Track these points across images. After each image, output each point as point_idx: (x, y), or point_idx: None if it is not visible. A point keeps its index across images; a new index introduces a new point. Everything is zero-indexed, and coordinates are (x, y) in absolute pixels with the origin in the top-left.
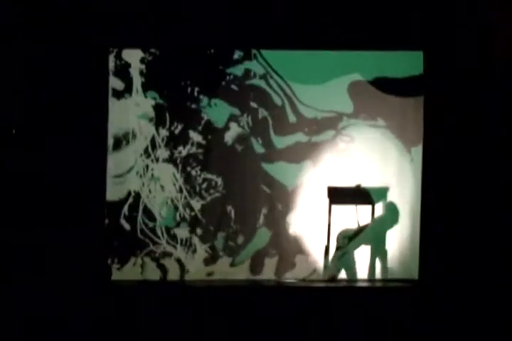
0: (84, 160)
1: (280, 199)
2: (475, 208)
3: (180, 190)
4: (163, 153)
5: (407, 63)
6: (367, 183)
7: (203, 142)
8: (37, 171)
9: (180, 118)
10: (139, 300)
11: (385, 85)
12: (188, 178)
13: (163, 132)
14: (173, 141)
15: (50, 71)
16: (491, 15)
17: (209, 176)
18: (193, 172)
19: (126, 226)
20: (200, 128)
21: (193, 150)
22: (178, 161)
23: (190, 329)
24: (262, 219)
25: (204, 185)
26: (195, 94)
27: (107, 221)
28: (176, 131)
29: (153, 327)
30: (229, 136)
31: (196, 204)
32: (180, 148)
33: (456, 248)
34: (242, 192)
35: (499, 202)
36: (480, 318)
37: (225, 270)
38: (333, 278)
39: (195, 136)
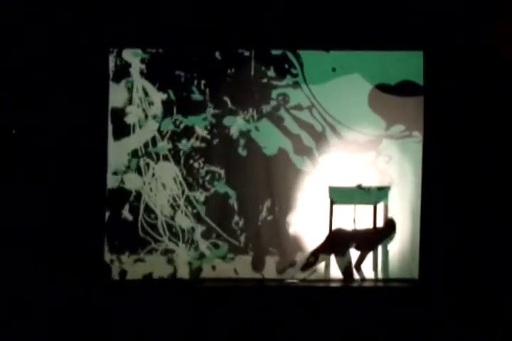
0: (84, 161)
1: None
2: (475, 208)
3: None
4: (163, 149)
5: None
6: (368, 183)
7: (208, 136)
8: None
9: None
10: (139, 300)
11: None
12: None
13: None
14: (177, 136)
15: (50, 71)
16: (491, 16)
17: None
18: (196, 165)
19: (128, 223)
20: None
21: (197, 144)
22: (180, 154)
23: (192, 328)
24: (264, 212)
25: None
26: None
27: (108, 220)
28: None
29: (154, 325)
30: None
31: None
32: (184, 141)
33: (456, 248)
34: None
35: (499, 202)
36: (480, 318)
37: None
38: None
39: (200, 131)
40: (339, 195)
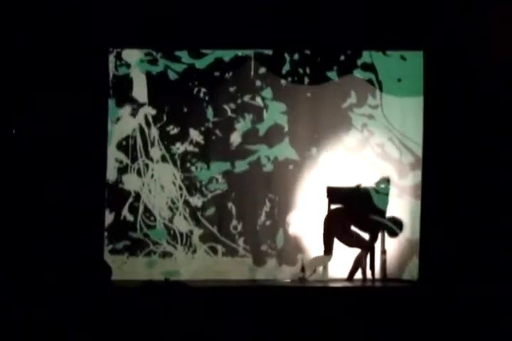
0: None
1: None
2: (475, 208)
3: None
4: (160, 152)
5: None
6: (367, 183)
7: (202, 142)
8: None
9: None
10: (139, 301)
11: None
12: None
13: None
14: (171, 140)
15: (50, 71)
16: (491, 16)
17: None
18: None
19: (127, 225)
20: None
21: (191, 148)
22: (177, 158)
23: (190, 329)
24: (263, 216)
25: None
26: None
27: (107, 220)
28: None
29: (154, 327)
30: None
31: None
32: (179, 145)
33: (456, 248)
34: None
35: (499, 202)
36: (480, 318)
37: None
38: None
39: (195, 136)
40: (337, 195)
